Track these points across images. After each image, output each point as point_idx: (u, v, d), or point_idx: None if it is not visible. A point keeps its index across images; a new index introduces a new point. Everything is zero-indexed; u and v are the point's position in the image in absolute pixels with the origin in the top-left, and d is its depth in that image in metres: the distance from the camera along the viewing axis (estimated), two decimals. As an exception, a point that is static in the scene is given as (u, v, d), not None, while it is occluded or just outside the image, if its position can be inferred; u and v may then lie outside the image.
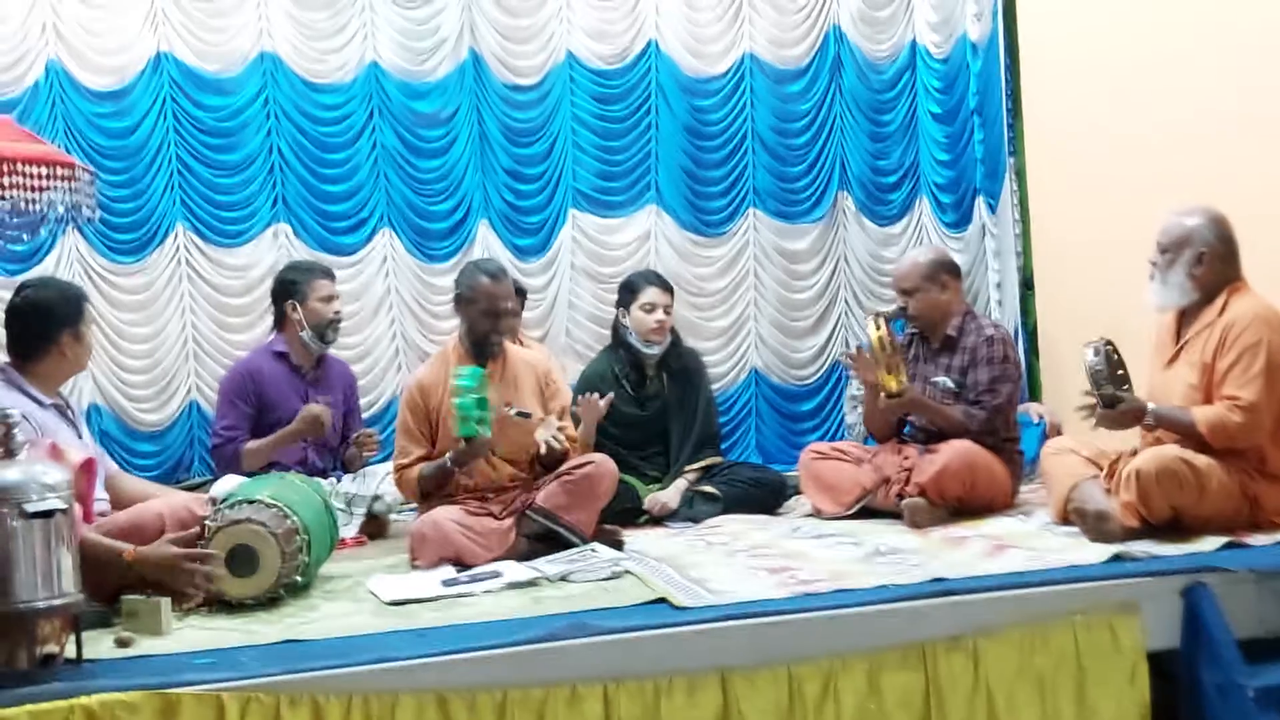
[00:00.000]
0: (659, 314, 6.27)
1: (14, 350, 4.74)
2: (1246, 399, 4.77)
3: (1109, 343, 5.02)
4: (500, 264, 5.68)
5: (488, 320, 5.43)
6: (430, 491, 5.37)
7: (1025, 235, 7.62)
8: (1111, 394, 4.95)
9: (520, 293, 6.70)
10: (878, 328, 5.66)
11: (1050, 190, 7.16)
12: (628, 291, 6.38)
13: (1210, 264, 4.97)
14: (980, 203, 8.01)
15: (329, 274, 6.47)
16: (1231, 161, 5.52)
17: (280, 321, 6.35)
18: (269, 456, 5.97)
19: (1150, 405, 4.95)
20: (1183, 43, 5.90)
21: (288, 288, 6.32)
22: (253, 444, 6.04)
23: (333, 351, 6.51)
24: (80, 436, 4.78)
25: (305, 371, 6.30)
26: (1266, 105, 5.40)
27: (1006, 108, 7.65)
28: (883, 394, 5.68)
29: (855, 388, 7.61)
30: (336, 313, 6.36)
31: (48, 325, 4.70)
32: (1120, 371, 5.00)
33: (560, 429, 5.42)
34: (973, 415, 5.72)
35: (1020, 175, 7.62)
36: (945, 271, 5.91)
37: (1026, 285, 7.60)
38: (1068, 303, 6.94)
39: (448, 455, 5.27)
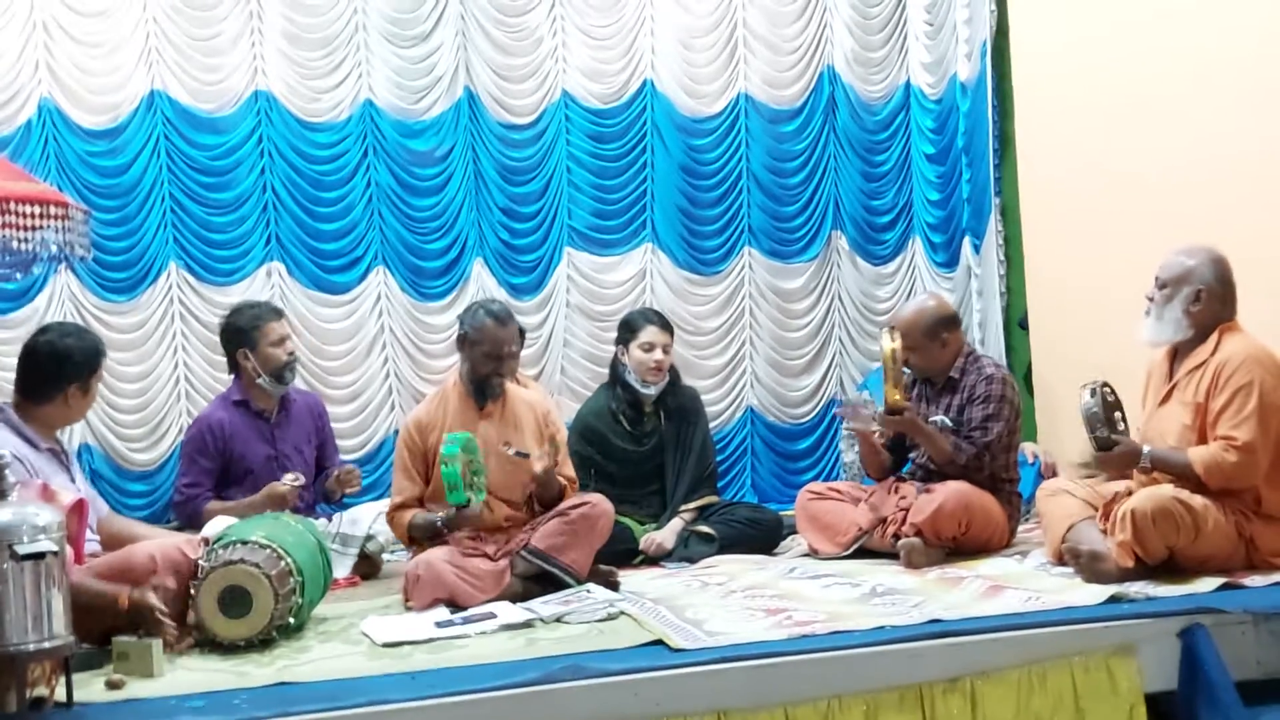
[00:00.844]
0: (657, 353, 6.25)
1: (20, 390, 4.73)
2: (1241, 439, 4.77)
3: (1105, 384, 5.01)
4: (506, 306, 5.63)
5: (490, 363, 5.41)
6: (419, 540, 5.35)
7: (1017, 275, 7.60)
8: (1107, 438, 4.94)
9: (520, 333, 6.68)
10: (892, 340, 5.65)
11: (1044, 230, 7.15)
12: (627, 330, 6.37)
13: (1207, 303, 4.98)
14: (966, 243, 8.01)
15: (278, 314, 6.30)
16: (1225, 203, 5.54)
17: (235, 367, 6.18)
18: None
19: (1146, 448, 4.94)
20: (1176, 84, 5.91)
21: (237, 336, 6.12)
22: (216, 505, 5.85)
23: (312, 384, 6.41)
24: (73, 480, 4.75)
25: (268, 415, 6.17)
26: (1260, 146, 5.41)
27: (993, 148, 7.66)
28: (883, 409, 5.66)
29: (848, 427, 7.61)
30: (291, 354, 6.16)
31: (59, 374, 4.69)
32: (1116, 413, 4.99)
33: (559, 471, 5.40)
34: (961, 449, 5.70)
35: (1007, 215, 7.61)
36: (945, 328, 5.88)
37: (1021, 325, 7.59)
38: (1062, 343, 6.93)
39: (439, 516, 5.25)
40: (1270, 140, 5.37)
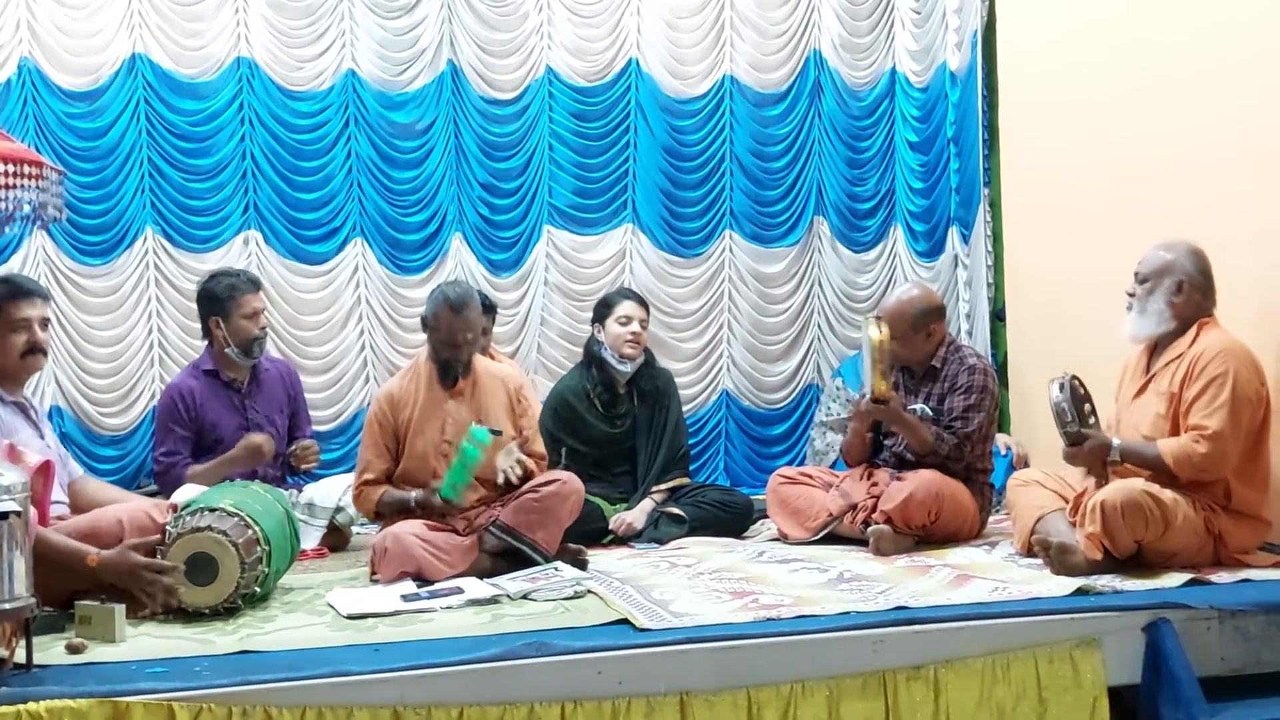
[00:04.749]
0: (634, 326, 6.26)
1: None
2: (1212, 428, 4.79)
3: (1074, 377, 5.02)
4: (469, 293, 5.51)
5: (447, 349, 5.38)
6: (386, 516, 5.33)
7: (998, 267, 7.62)
8: (1077, 431, 4.95)
9: (490, 308, 6.65)
10: (879, 329, 5.63)
11: (1024, 222, 7.16)
12: (603, 307, 6.39)
13: (1189, 294, 5.01)
14: (954, 233, 8.01)
15: (256, 286, 6.25)
16: (1206, 198, 5.53)
17: (208, 333, 6.16)
18: (214, 481, 5.81)
19: (1115, 441, 4.95)
20: (1159, 82, 5.90)
21: (211, 303, 6.10)
22: (196, 468, 5.86)
23: (288, 354, 6.38)
24: (42, 437, 4.73)
25: (239, 385, 6.15)
26: (1241, 143, 5.41)
27: (983, 138, 7.67)
28: (867, 397, 5.66)
29: (824, 413, 7.60)
30: (262, 329, 6.14)
31: None
32: (1087, 406, 5.01)
33: (525, 452, 5.38)
34: (943, 439, 5.70)
35: (995, 206, 7.62)
36: (933, 319, 5.87)
37: (998, 317, 7.60)
38: (1037, 335, 6.93)
39: (413, 496, 5.24)
40: (1251, 136, 5.36)
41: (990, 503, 5.95)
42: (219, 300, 6.08)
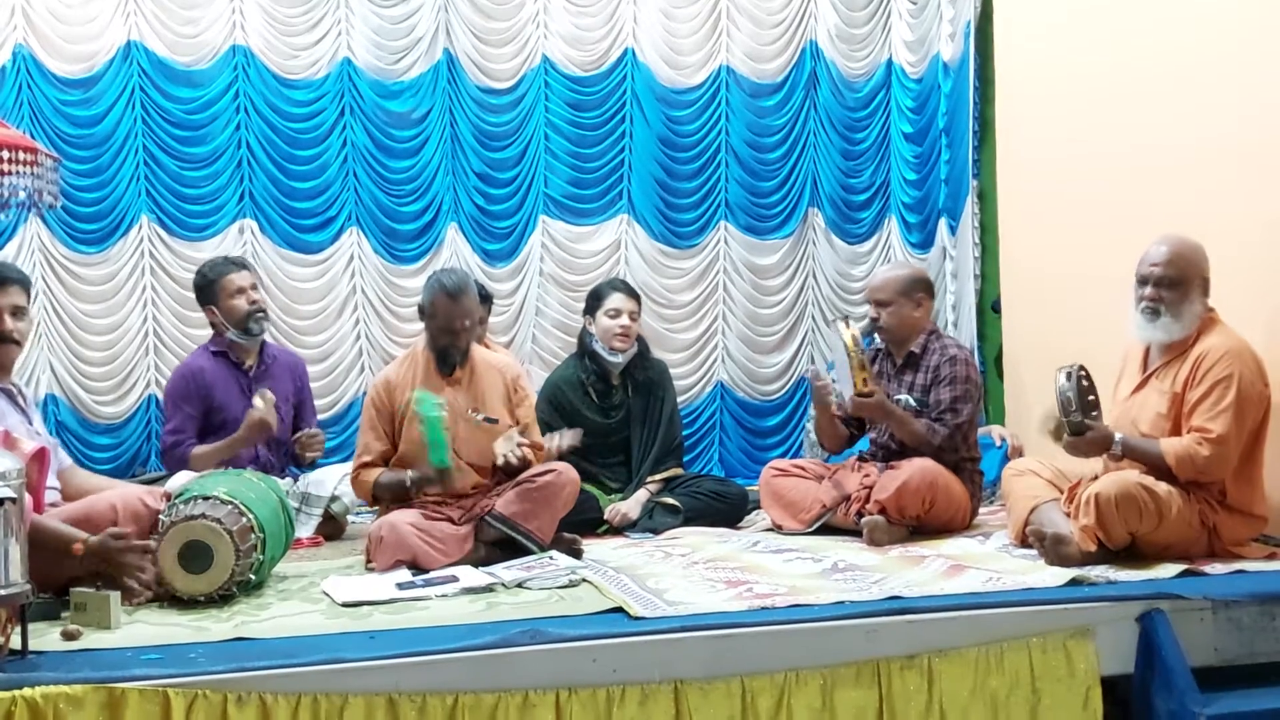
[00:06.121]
0: (624, 319, 6.25)
1: None
2: (1216, 431, 4.76)
3: (1082, 368, 4.98)
4: (465, 279, 5.51)
5: (445, 336, 5.38)
6: (383, 499, 5.34)
7: (989, 258, 7.61)
8: (1080, 422, 4.92)
9: (486, 298, 6.65)
10: (848, 327, 5.64)
11: (1020, 214, 7.14)
12: (594, 299, 6.37)
13: (1207, 292, 4.98)
14: (942, 224, 8.01)
15: (239, 265, 6.26)
16: (1204, 192, 5.52)
17: (213, 325, 6.21)
18: (217, 461, 5.84)
19: (1118, 435, 4.93)
20: (1156, 71, 5.89)
21: (201, 292, 6.19)
22: (201, 449, 5.89)
23: (283, 343, 6.39)
24: (31, 423, 4.72)
25: (248, 367, 6.17)
26: (1237, 135, 5.40)
27: (974, 130, 7.66)
28: (852, 394, 5.66)
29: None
30: (254, 302, 6.14)
31: None
32: (1091, 398, 4.96)
33: (522, 443, 5.37)
34: (935, 431, 5.70)
35: (984, 198, 7.62)
36: (921, 289, 5.90)
37: (993, 309, 7.59)
38: (1034, 327, 6.93)
39: (409, 475, 5.23)
40: (1248, 126, 5.34)
41: (980, 490, 5.94)
42: (206, 288, 6.15)
